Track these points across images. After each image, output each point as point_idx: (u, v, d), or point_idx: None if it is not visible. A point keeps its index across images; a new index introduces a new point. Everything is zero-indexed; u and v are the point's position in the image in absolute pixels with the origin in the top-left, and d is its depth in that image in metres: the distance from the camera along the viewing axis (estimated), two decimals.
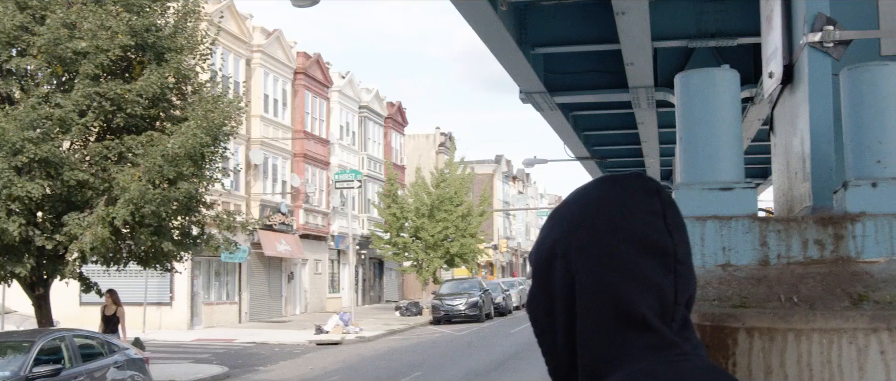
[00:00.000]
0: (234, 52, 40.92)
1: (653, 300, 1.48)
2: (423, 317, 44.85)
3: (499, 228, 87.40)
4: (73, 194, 17.90)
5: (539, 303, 1.59)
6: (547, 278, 1.56)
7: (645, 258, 1.48)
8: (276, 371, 24.37)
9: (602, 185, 1.58)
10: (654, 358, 1.46)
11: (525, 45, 15.22)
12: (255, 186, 43.01)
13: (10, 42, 17.78)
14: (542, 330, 1.59)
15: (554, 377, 1.60)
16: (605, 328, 1.49)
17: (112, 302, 21.36)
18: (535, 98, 18.63)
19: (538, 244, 1.61)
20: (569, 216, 1.56)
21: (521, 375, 22.83)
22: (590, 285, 1.50)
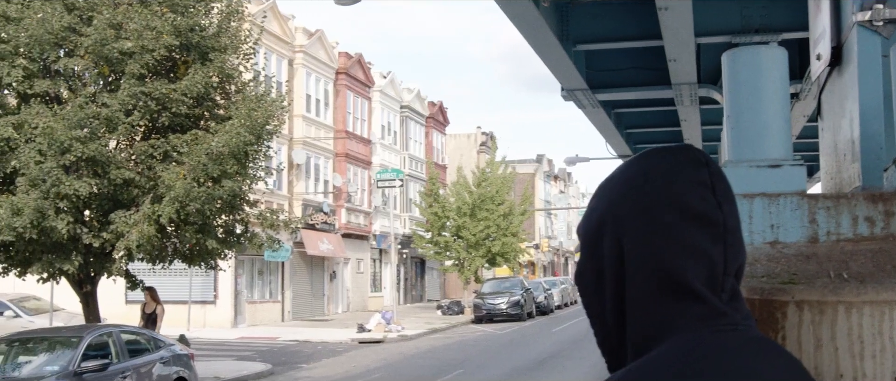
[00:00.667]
0: (277, 53, 41.21)
1: (702, 270, 1.48)
2: (465, 316, 44.87)
3: (540, 227, 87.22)
4: (120, 192, 18.14)
5: (588, 274, 1.60)
6: (595, 249, 1.57)
7: (694, 228, 1.49)
8: (319, 369, 24.51)
9: (650, 156, 1.58)
10: (703, 327, 1.47)
11: (567, 41, 15.18)
12: (297, 185, 43.27)
13: (58, 43, 18.05)
14: (591, 301, 1.60)
15: (603, 347, 1.61)
16: (654, 298, 1.49)
17: (151, 300, 21.56)
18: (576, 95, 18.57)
19: (586, 216, 1.61)
20: (617, 187, 1.57)
21: (563, 374, 22.77)
22: (638, 254, 1.50)
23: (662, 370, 1.42)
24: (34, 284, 27.98)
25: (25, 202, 16.49)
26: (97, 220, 18.44)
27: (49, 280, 19.39)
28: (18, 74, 17.47)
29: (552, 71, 17.19)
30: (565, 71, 16.70)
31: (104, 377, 14.31)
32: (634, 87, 17.62)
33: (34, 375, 13.90)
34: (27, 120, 17.22)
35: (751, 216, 2.44)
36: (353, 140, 49.11)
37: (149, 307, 21.54)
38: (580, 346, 29.37)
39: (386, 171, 47.18)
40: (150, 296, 21.62)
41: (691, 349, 1.44)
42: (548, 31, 14.40)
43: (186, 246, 19.87)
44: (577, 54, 16.13)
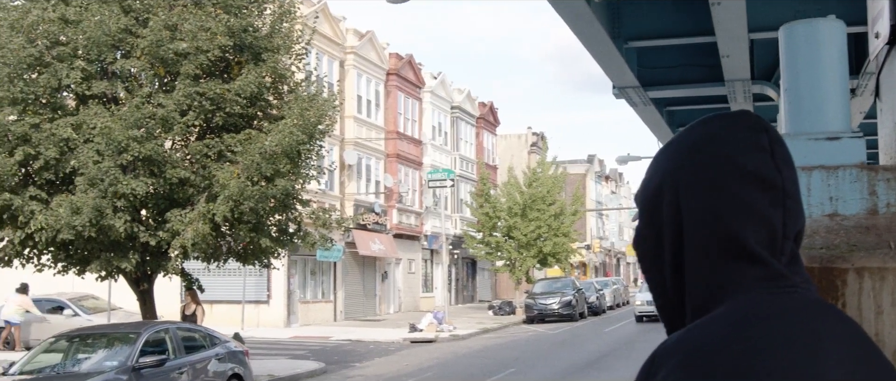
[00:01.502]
0: (328, 54, 41.48)
1: (762, 233, 1.49)
2: (517, 316, 44.80)
3: (592, 228, 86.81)
4: (175, 191, 18.39)
5: (647, 240, 1.62)
6: (654, 214, 1.59)
7: (753, 192, 1.50)
8: (372, 368, 24.62)
9: (709, 122, 1.60)
10: (763, 289, 1.48)
11: (618, 39, 15.11)
12: (349, 186, 43.52)
13: (115, 45, 18.35)
14: (650, 267, 1.62)
15: (662, 312, 1.62)
16: (714, 261, 1.50)
17: (192, 300, 21.69)
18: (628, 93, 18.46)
19: (645, 182, 1.63)
20: (676, 153, 1.59)
21: (615, 373, 22.65)
22: (698, 218, 1.51)
23: (722, 329, 1.43)
24: (92, 283, 28.50)
25: (84, 201, 16.78)
26: (153, 219, 18.73)
27: (107, 278, 19.70)
28: (77, 76, 17.79)
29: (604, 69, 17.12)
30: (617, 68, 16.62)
31: (161, 373, 14.54)
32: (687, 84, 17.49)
33: (94, 370, 14.16)
34: (86, 121, 17.53)
35: (809, 189, 2.42)
36: (404, 141, 49.27)
37: (188, 308, 21.67)
38: (632, 346, 29.20)
39: (437, 171, 47.26)
40: (190, 297, 21.77)
41: (751, 310, 1.45)
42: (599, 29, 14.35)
43: (240, 245, 20.11)
44: (629, 51, 16.05)
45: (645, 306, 40.54)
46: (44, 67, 17.88)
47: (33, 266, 19.62)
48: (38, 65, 17.91)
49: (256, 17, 19.98)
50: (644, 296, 41.05)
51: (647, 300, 40.16)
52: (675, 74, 18.18)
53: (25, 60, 17.58)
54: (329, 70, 40.94)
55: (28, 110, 17.83)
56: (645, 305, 40.54)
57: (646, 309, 40.27)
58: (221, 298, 35.69)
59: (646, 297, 40.71)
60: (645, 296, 40.95)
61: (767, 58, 15.28)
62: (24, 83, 17.62)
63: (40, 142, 17.34)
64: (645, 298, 40.69)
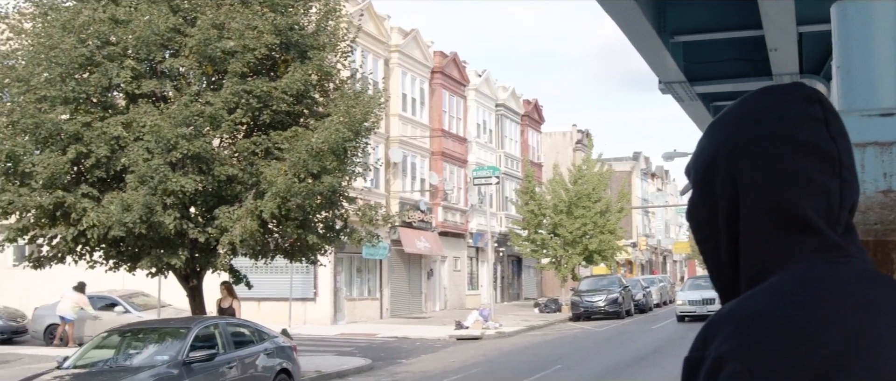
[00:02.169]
0: (373, 53, 41.63)
1: (817, 203, 1.50)
2: (563, 314, 44.67)
3: (638, 225, 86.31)
4: (224, 188, 18.58)
5: (700, 212, 1.62)
6: (707, 186, 1.60)
7: (809, 162, 1.50)
8: (418, 364, 24.70)
9: (762, 94, 1.61)
10: (818, 259, 1.48)
11: (664, 33, 15.01)
12: (394, 184, 43.65)
13: (164, 44, 18.57)
14: (704, 238, 1.62)
15: (717, 283, 1.63)
16: (770, 231, 1.51)
17: (228, 294, 21.71)
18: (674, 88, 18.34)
19: (698, 154, 1.64)
20: (730, 124, 1.59)
21: (662, 370, 22.52)
22: (753, 189, 1.52)
23: (776, 297, 1.43)
24: (142, 280, 28.89)
25: (135, 199, 17.01)
26: (202, 215, 18.94)
27: (157, 275, 19.95)
28: (127, 75, 18.03)
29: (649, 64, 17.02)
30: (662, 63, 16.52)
31: (211, 367, 14.70)
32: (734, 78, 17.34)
33: (145, 364, 14.36)
34: (135, 119, 17.77)
35: (862, 165, 2.41)
36: (449, 139, 49.32)
37: (225, 302, 21.67)
38: (680, 343, 29.01)
39: (482, 168, 47.25)
40: (226, 291, 21.79)
41: (806, 278, 1.46)
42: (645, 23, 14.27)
43: (287, 242, 20.28)
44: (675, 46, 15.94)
45: (686, 306, 39.37)
46: (94, 66, 18.15)
47: (86, 263, 19.94)
48: (89, 64, 18.18)
49: (302, 16, 20.12)
50: (686, 295, 40.16)
51: (689, 300, 39.30)
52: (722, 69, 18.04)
53: (77, 60, 17.86)
54: (374, 68, 41.09)
55: (80, 109, 18.11)
56: (686, 304, 39.42)
57: (687, 309, 39.15)
58: (269, 295, 35.98)
59: (688, 296, 39.82)
60: (687, 295, 40.06)
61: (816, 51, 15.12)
62: (75, 83, 17.91)
63: (92, 140, 17.61)
64: (687, 297, 39.77)
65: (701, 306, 37.89)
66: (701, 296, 38.44)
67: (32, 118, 17.40)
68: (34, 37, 18.50)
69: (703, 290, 39.01)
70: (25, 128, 17.61)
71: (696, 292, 39.66)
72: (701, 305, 37.96)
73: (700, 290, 39.49)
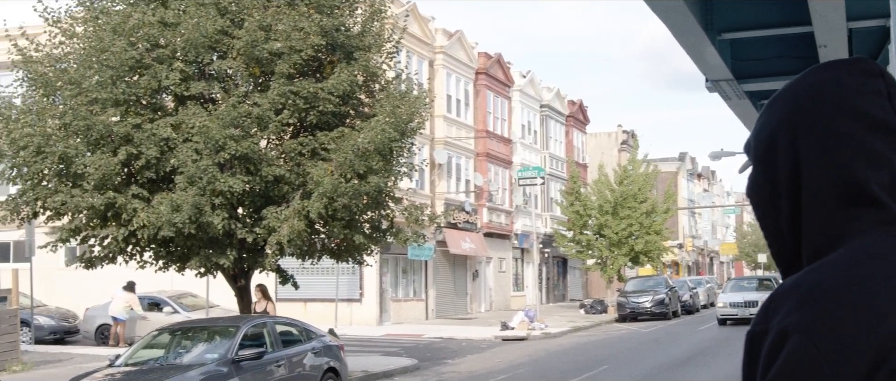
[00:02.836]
0: (418, 54, 41.75)
1: (882, 177, 1.49)
2: (608, 315, 44.49)
3: (684, 226, 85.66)
4: (271, 188, 18.74)
5: (761, 187, 1.62)
6: (768, 161, 1.59)
7: (873, 136, 1.50)
8: (464, 364, 24.72)
9: (823, 69, 1.61)
10: (882, 232, 1.47)
11: (711, 30, 14.93)
12: (439, 185, 43.73)
13: (212, 46, 18.76)
14: (765, 214, 1.62)
15: (778, 259, 1.63)
16: (832, 205, 1.50)
17: (263, 297, 21.74)
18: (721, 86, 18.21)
19: (758, 129, 1.64)
20: (791, 99, 1.59)
21: (710, 370, 22.36)
22: (817, 162, 1.52)
23: (839, 269, 1.42)
24: (190, 281, 29.18)
25: (184, 199, 17.20)
26: (250, 216, 19.12)
27: (206, 274, 20.15)
28: (176, 77, 18.24)
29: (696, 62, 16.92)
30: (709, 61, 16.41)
31: (259, 366, 14.84)
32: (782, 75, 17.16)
33: (196, 362, 14.53)
34: (184, 120, 17.97)
35: None
36: (494, 140, 49.32)
37: (259, 306, 21.74)
38: (727, 344, 28.78)
39: (527, 169, 47.15)
40: (260, 294, 21.83)
41: (869, 251, 1.45)
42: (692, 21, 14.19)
43: (334, 242, 20.41)
44: (722, 43, 15.84)
45: (728, 309, 37.75)
46: (144, 69, 18.38)
47: (136, 263, 20.21)
48: (139, 67, 18.41)
49: (348, 17, 20.24)
50: (727, 297, 38.63)
51: (730, 302, 37.87)
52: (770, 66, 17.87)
53: (127, 63, 18.10)
54: (419, 70, 41.19)
55: (130, 111, 18.36)
56: (728, 307, 37.81)
57: (729, 312, 37.57)
58: (315, 296, 36.22)
59: (729, 298, 38.30)
60: (728, 297, 38.51)
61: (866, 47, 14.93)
62: (126, 85, 18.16)
63: (141, 142, 17.84)
64: (728, 299, 38.23)
65: (743, 308, 36.63)
66: (743, 298, 37.28)
67: (84, 120, 17.66)
68: (85, 40, 18.79)
69: (746, 292, 38.05)
70: (77, 130, 17.89)
71: (739, 293, 38.52)
72: (743, 307, 36.70)
73: (742, 292, 38.51)
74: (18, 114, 18.65)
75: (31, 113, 18.32)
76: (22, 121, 18.25)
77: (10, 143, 18.15)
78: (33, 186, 18.51)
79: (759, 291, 37.90)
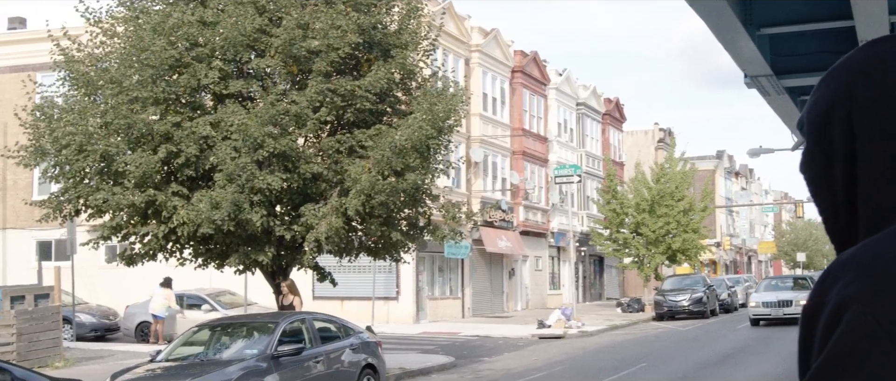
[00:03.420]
0: (454, 53, 41.78)
1: None
2: (645, 313, 44.28)
3: (722, 225, 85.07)
4: (309, 186, 18.85)
5: (816, 162, 1.61)
6: (823, 135, 1.59)
7: None
8: (501, 362, 24.71)
9: (879, 43, 1.60)
10: None
11: (750, 25, 14.82)
12: (475, 183, 43.73)
13: (250, 45, 18.90)
14: (820, 189, 1.61)
15: (833, 235, 1.62)
16: (890, 177, 1.50)
17: (289, 292, 21.84)
18: (760, 82, 18.07)
19: (811, 105, 1.63)
20: (848, 72, 1.59)
21: (750, 369, 22.19)
22: (874, 135, 1.51)
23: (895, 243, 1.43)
24: (228, 279, 29.40)
25: (223, 196, 17.34)
26: (288, 213, 19.23)
27: (244, 272, 20.32)
28: (215, 76, 18.39)
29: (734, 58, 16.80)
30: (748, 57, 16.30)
31: (298, 361, 14.93)
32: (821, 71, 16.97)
33: (235, 357, 14.66)
34: (223, 118, 18.11)
35: None
36: (530, 138, 49.25)
37: (286, 299, 21.85)
38: (766, 343, 28.55)
39: (563, 167, 47.05)
40: (287, 288, 21.90)
41: None
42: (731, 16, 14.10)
43: (371, 239, 20.48)
44: (761, 38, 15.71)
45: (761, 308, 35.93)
46: (184, 67, 18.54)
47: (176, 260, 20.40)
48: (179, 66, 18.58)
49: (385, 15, 20.30)
50: (760, 296, 36.98)
51: (763, 301, 36.14)
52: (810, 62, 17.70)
53: (167, 62, 18.28)
54: (455, 68, 41.21)
55: (169, 110, 18.54)
56: (760, 307, 36.00)
57: (762, 311, 35.82)
58: (352, 294, 36.37)
59: (762, 297, 36.62)
60: (761, 296, 36.86)
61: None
62: (165, 84, 18.33)
63: (181, 140, 18.00)
64: (761, 299, 36.51)
65: (777, 308, 35.28)
66: (777, 297, 35.87)
67: (125, 119, 17.86)
68: (126, 40, 19.00)
69: (780, 291, 36.93)
70: (118, 128, 18.09)
71: (772, 293, 37.04)
72: (777, 307, 35.32)
73: (776, 291, 37.20)
74: (61, 113, 18.91)
75: (73, 112, 18.56)
76: (64, 120, 18.50)
77: (53, 141, 18.41)
78: (75, 184, 18.76)
79: (794, 290, 36.79)
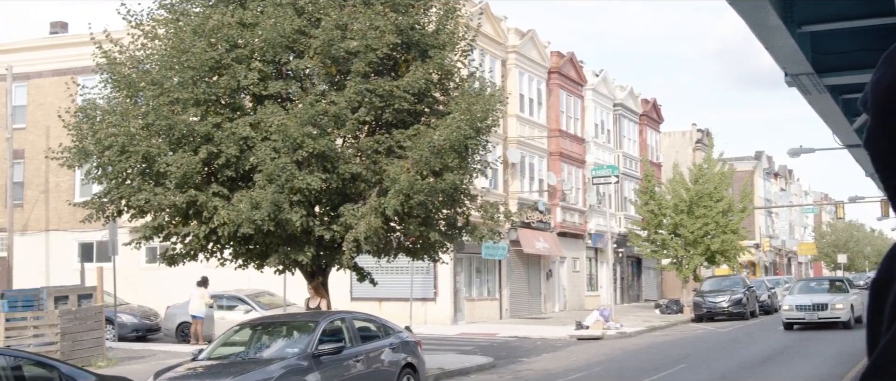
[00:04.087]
0: (490, 54, 41.76)
1: None
2: (684, 315, 44.00)
3: (760, 226, 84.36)
4: (348, 186, 18.91)
5: (879, 140, 1.61)
6: (887, 112, 1.59)
7: None
8: (540, 363, 24.66)
9: None
10: None
11: (791, 23, 14.70)
12: (512, 184, 43.68)
13: (289, 46, 19.00)
14: (884, 165, 1.62)
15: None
16: None
17: (316, 293, 21.86)
18: (801, 80, 17.90)
19: (876, 81, 1.63)
20: None
21: (792, 369, 22.00)
22: None
23: None
24: (267, 280, 29.56)
25: (263, 197, 17.44)
26: (327, 213, 19.30)
27: (284, 272, 20.42)
28: (254, 77, 18.50)
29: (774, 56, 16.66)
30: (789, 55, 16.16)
31: (338, 360, 14.98)
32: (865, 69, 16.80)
33: (276, 356, 14.74)
34: (263, 119, 18.21)
35: None
36: (567, 139, 49.12)
37: (313, 302, 21.89)
38: (808, 344, 28.27)
39: (601, 167, 46.87)
40: (313, 290, 21.95)
41: None
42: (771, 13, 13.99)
43: (410, 239, 20.51)
44: (802, 36, 15.57)
45: (794, 312, 33.73)
46: (223, 69, 18.67)
47: (217, 260, 20.56)
48: (219, 67, 18.71)
49: (422, 15, 20.33)
50: (794, 299, 34.60)
51: (797, 304, 33.88)
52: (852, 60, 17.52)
53: (207, 63, 18.41)
54: (491, 69, 41.16)
55: (210, 111, 18.67)
56: (794, 310, 33.79)
57: (795, 315, 33.67)
58: (390, 295, 36.45)
59: (796, 300, 34.27)
60: (795, 299, 34.50)
61: None
62: (206, 85, 18.47)
63: (222, 141, 18.13)
64: (795, 301, 34.19)
65: (811, 312, 33.16)
66: (811, 300, 33.64)
67: (166, 120, 18.02)
68: (167, 42, 19.17)
69: (814, 293, 34.84)
70: (160, 130, 18.25)
71: (806, 295, 34.65)
72: (811, 311, 33.17)
73: (811, 293, 35.05)
74: (103, 115, 19.12)
75: (115, 114, 18.76)
76: (107, 121, 18.71)
77: (96, 143, 18.62)
78: (118, 184, 18.96)
79: (830, 293, 34.90)
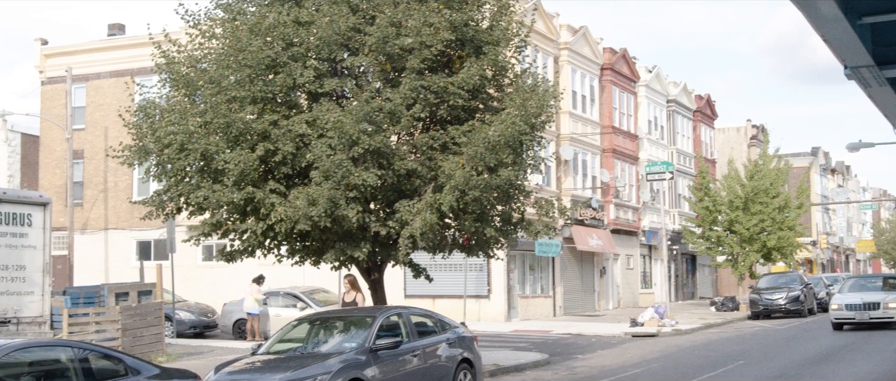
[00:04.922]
0: (543, 51, 41.70)
1: None
2: (740, 312, 43.58)
3: (817, 223, 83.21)
4: (403, 182, 18.99)
5: None
6: None
7: None
8: (595, 359, 24.59)
9: None
10: None
11: (851, 14, 14.46)
12: (565, 181, 43.57)
13: (344, 43, 19.12)
14: None
15: None
16: None
17: (352, 288, 21.93)
18: (861, 73, 17.61)
19: None
20: None
21: (852, 366, 21.68)
22: None
23: None
24: (323, 276, 29.78)
25: (320, 193, 17.56)
26: (383, 209, 19.39)
27: (340, 268, 20.55)
28: (310, 75, 18.64)
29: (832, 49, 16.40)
30: (848, 47, 15.89)
31: (396, 355, 15.05)
32: None
33: (335, 350, 14.85)
34: (318, 117, 18.34)
35: None
36: (620, 135, 48.87)
37: (349, 296, 21.92)
38: (868, 341, 27.83)
39: (655, 164, 46.53)
40: (349, 284, 22.02)
41: None
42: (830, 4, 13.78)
43: (465, 235, 20.55)
44: (862, 28, 15.30)
45: (844, 311, 31.75)
46: (280, 67, 18.83)
47: (274, 256, 20.75)
48: (275, 66, 18.87)
49: (476, 12, 20.35)
50: (844, 298, 32.51)
51: (846, 303, 31.88)
52: None
53: (263, 62, 18.58)
54: (544, 65, 41.11)
55: (266, 109, 18.84)
56: (843, 310, 31.79)
57: (845, 315, 31.74)
58: (444, 292, 36.57)
59: (846, 299, 32.22)
60: (845, 298, 32.44)
61: None
62: (262, 83, 18.64)
63: (278, 138, 18.28)
64: (845, 300, 32.15)
65: (862, 311, 31.31)
66: (862, 299, 31.67)
67: (224, 118, 18.21)
68: (224, 41, 19.39)
69: (866, 292, 32.74)
70: (217, 128, 18.45)
71: (857, 294, 32.55)
72: (862, 310, 31.32)
73: (862, 292, 32.89)
74: (162, 113, 19.39)
75: (173, 112, 19.01)
76: (166, 120, 18.98)
77: (156, 141, 18.90)
78: (177, 182, 19.22)
79: (884, 291, 32.78)
